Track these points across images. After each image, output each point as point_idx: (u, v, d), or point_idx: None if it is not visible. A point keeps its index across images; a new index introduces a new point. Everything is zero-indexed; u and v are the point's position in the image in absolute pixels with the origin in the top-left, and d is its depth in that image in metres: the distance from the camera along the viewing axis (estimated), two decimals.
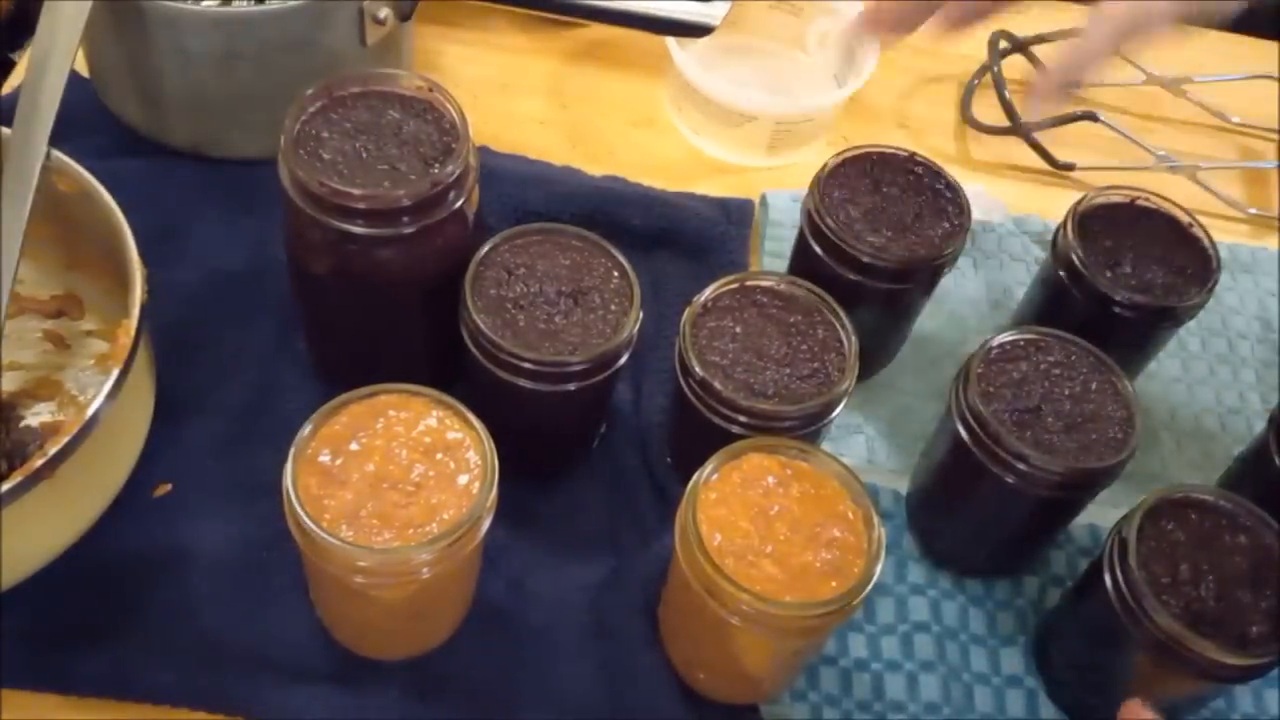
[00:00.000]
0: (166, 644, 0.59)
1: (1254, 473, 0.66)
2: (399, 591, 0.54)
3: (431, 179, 0.57)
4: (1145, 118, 0.93)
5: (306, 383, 0.68)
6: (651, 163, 0.84)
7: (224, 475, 0.64)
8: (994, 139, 0.89)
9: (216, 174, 0.76)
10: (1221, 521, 0.57)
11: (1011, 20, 0.92)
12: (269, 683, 0.58)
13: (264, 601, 0.61)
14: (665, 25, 0.74)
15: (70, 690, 0.58)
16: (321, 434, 0.54)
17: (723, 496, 0.55)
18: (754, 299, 0.63)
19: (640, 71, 0.89)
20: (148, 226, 0.61)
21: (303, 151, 0.58)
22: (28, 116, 0.60)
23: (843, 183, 0.67)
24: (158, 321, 0.61)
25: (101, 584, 0.60)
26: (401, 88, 0.61)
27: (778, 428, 0.58)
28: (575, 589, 0.63)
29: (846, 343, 0.61)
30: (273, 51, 0.71)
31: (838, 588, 0.53)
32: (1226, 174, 0.89)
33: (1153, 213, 0.69)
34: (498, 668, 0.60)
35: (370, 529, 0.52)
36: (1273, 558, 0.55)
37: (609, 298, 0.61)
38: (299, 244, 0.61)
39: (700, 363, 0.60)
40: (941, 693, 0.62)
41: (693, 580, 0.53)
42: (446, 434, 0.55)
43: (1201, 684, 0.56)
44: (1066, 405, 0.60)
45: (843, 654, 0.62)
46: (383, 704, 0.59)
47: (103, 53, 0.75)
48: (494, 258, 0.61)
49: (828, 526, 0.54)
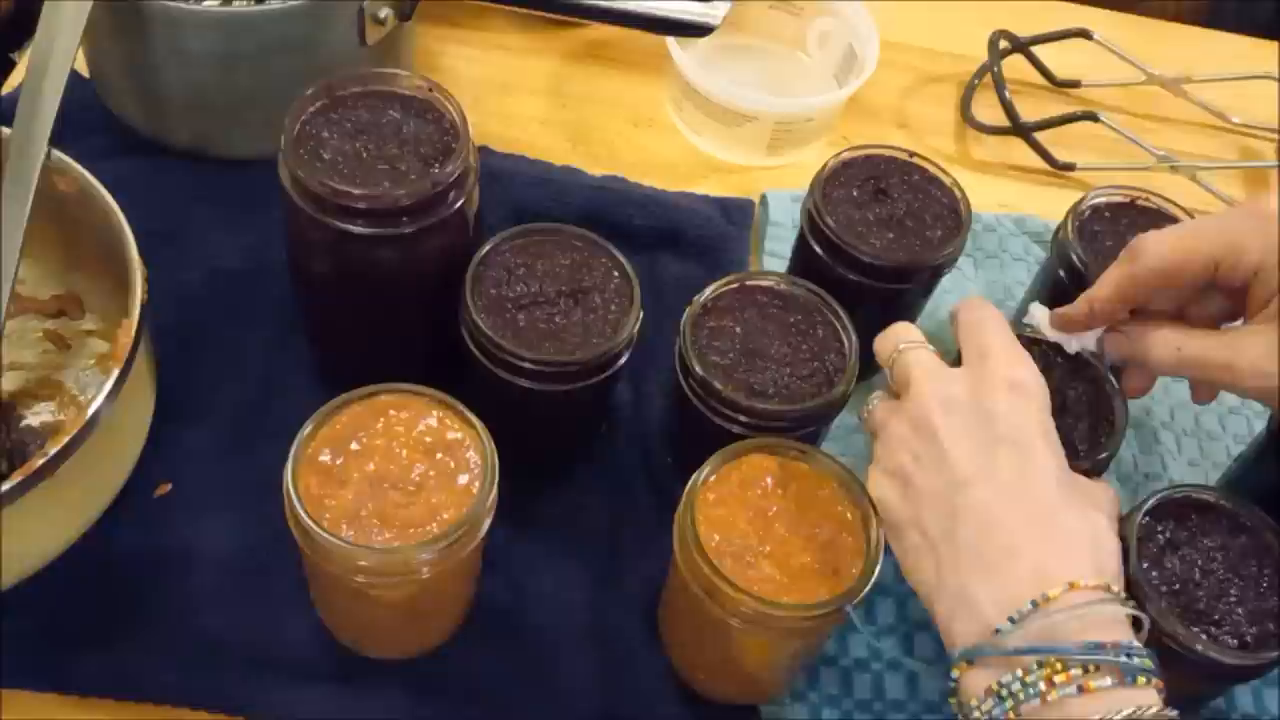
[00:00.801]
0: (167, 644, 0.59)
1: (1254, 473, 0.66)
2: (399, 591, 0.54)
3: (431, 179, 0.57)
4: (1145, 118, 0.93)
5: (306, 383, 0.68)
6: (651, 163, 0.84)
7: (224, 475, 0.64)
8: (994, 139, 0.89)
9: (216, 174, 0.76)
10: (1221, 521, 0.57)
11: (1011, 20, 0.93)
12: (269, 683, 0.58)
13: (264, 601, 0.61)
14: (665, 25, 0.74)
15: (70, 690, 0.58)
16: (322, 434, 0.54)
17: (721, 497, 0.55)
18: (754, 299, 0.63)
19: (640, 71, 0.89)
20: (148, 226, 0.61)
21: (303, 151, 0.58)
22: (28, 116, 0.60)
23: (843, 183, 0.67)
24: (158, 321, 0.61)
25: (101, 584, 0.60)
26: (401, 88, 0.61)
27: (778, 427, 0.58)
28: (575, 589, 0.63)
29: (846, 343, 0.61)
30: (273, 51, 0.71)
31: (836, 588, 0.53)
32: (1226, 174, 0.89)
33: (1153, 213, 0.69)
34: (498, 668, 0.60)
35: (370, 529, 0.52)
36: (1273, 558, 0.55)
37: (609, 298, 0.61)
38: (299, 244, 0.61)
39: (700, 363, 0.60)
40: (941, 693, 0.62)
41: (691, 581, 0.53)
42: (446, 434, 0.55)
43: (1201, 684, 0.56)
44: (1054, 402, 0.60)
45: (843, 654, 0.62)
46: (383, 704, 0.59)
47: (103, 53, 0.75)
48: (494, 258, 0.61)
49: (826, 527, 0.55)
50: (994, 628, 0.47)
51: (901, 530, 0.52)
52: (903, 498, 0.52)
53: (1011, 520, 0.49)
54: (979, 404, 0.51)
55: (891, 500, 0.53)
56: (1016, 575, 0.48)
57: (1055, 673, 0.45)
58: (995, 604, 0.47)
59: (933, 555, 0.50)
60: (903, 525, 0.52)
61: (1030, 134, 0.87)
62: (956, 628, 0.49)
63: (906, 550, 0.52)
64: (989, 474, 0.50)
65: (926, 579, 0.51)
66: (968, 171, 0.87)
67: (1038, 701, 0.45)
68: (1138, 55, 0.92)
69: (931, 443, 0.51)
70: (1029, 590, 0.47)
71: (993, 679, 0.47)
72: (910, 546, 0.51)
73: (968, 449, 0.51)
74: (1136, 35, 0.96)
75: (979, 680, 0.47)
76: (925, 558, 0.51)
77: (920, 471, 0.52)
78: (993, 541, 0.49)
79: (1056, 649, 0.46)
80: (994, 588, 0.48)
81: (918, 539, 0.51)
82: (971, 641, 0.48)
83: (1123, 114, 0.92)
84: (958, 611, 0.49)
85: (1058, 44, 0.93)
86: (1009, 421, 0.51)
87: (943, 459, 0.51)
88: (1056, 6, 0.99)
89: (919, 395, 0.53)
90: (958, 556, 0.49)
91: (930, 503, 0.51)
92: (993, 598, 0.48)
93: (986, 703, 0.47)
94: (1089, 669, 0.45)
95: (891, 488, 0.53)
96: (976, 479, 0.50)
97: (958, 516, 0.50)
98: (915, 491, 0.51)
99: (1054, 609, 0.46)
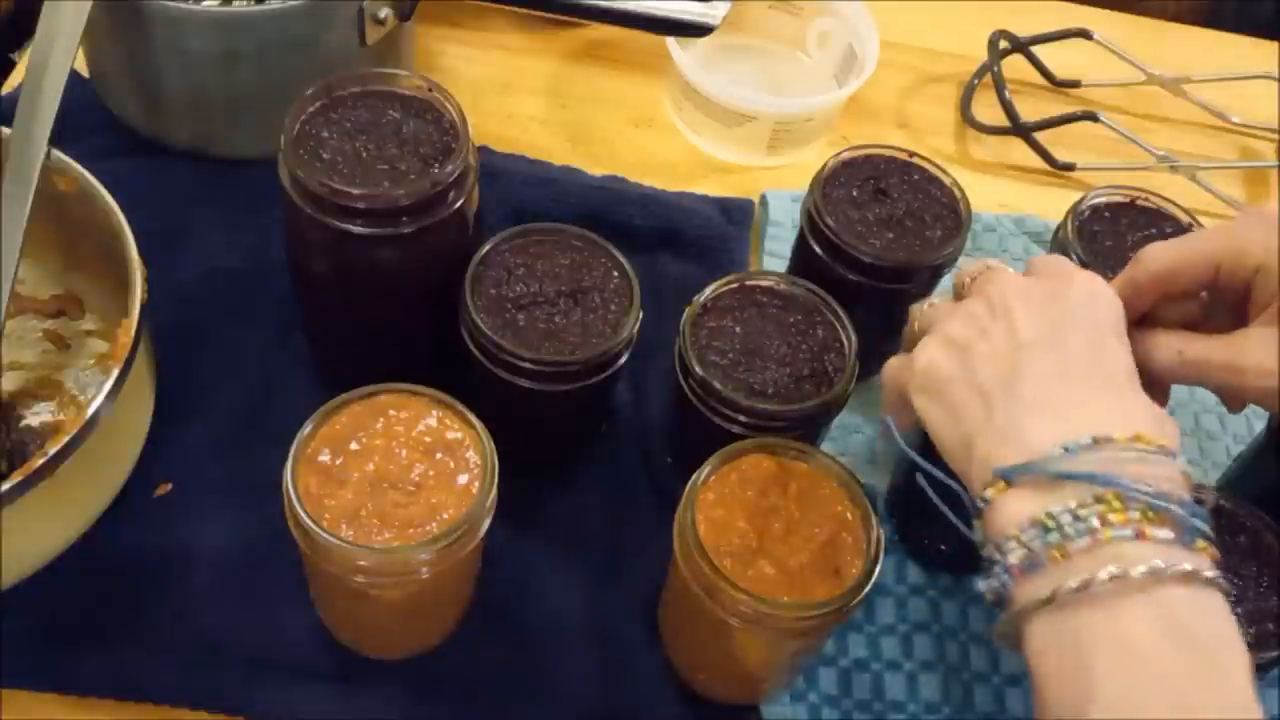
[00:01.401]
0: (167, 644, 0.59)
1: (1254, 473, 0.66)
2: (399, 591, 0.54)
3: (431, 179, 0.57)
4: (1145, 118, 0.93)
5: (306, 382, 0.68)
6: (651, 163, 0.84)
7: (224, 475, 0.65)
8: (994, 139, 0.89)
9: (216, 174, 0.76)
10: (1221, 521, 0.57)
11: (1011, 20, 0.93)
12: (269, 682, 0.58)
13: (264, 601, 0.61)
14: (665, 25, 0.74)
15: (70, 690, 0.58)
16: (321, 434, 0.54)
17: (721, 497, 0.55)
18: (754, 299, 0.63)
19: (640, 71, 0.89)
20: (148, 226, 0.61)
21: (303, 151, 0.58)
22: (28, 116, 0.60)
23: (843, 183, 0.67)
24: (158, 321, 0.61)
25: (101, 584, 0.60)
26: (401, 88, 0.61)
27: (777, 427, 0.58)
28: (575, 589, 0.63)
29: (846, 343, 0.61)
30: (273, 51, 0.71)
31: (836, 588, 0.53)
32: (1226, 174, 0.89)
33: (1153, 213, 0.69)
34: (498, 668, 0.60)
35: (370, 529, 0.52)
36: (1273, 558, 0.55)
37: (609, 298, 0.61)
38: (299, 244, 0.61)
39: (700, 363, 0.60)
40: (941, 692, 0.62)
41: (691, 581, 0.53)
42: (446, 434, 0.55)
43: None
44: None
45: (842, 654, 0.62)
46: (383, 704, 0.59)
47: (103, 53, 0.75)
48: (494, 258, 0.61)
49: (826, 527, 0.54)
50: (1043, 454, 0.43)
51: (945, 388, 0.48)
52: (957, 359, 0.49)
53: (1079, 382, 0.46)
54: (1056, 301, 0.49)
55: (940, 361, 0.49)
56: (1078, 418, 0.44)
57: (1111, 510, 0.41)
58: (1050, 434, 0.43)
59: (983, 403, 0.46)
60: (949, 382, 0.48)
61: (1030, 134, 0.87)
62: (992, 458, 0.44)
63: (949, 406, 0.48)
64: (1060, 345, 0.47)
65: (969, 425, 0.46)
66: (968, 171, 0.87)
67: (1087, 540, 0.41)
68: (1138, 55, 0.92)
69: (1006, 321, 0.48)
70: (1090, 430, 0.43)
71: (1037, 507, 0.42)
72: (955, 401, 0.47)
73: (1040, 324, 0.48)
74: (1136, 35, 0.96)
75: (1019, 505, 0.43)
76: (972, 405, 0.47)
77: (985, 341, 0.48)
78: (1055, 392, 0.45)
79: (1115, 482, 0.41)
80: (1051, 425, 0.44)
81: (965, 393, 0.47)
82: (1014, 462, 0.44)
83: (1123, 114, 0.92)
84: (1001, 445, 0.44)
85: (1058, 44, 0.93)
86: (1086, 315, 0.48)
87: (1012, 329, 0.48)
88: (1056, 6, 0.99)
89: (1001, 285, 0.50)
90: (1012, 401, 0.45)
91: (990, 361, 0.47)
92: (1048, 430, 0.43)
93: (1028, 533, 0.42)
94: (1148, 514, 0.41)
95: (945, 353, 0.49)
96: (1047, 345, 0.47)
97: (1020, 371, 0.46)
98: (973, 355, 0.48)
99: (1115, 447, 0.42)
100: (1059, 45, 0.93)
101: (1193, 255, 0.53)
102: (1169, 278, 0.54)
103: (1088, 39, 0.92)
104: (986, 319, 0.49)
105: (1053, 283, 0.50)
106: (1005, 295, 0.50)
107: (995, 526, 0.44)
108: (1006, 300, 0.49)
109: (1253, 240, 0.52)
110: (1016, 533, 0.42)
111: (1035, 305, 0.49)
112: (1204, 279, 0.53)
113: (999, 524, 0.43)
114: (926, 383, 0.49)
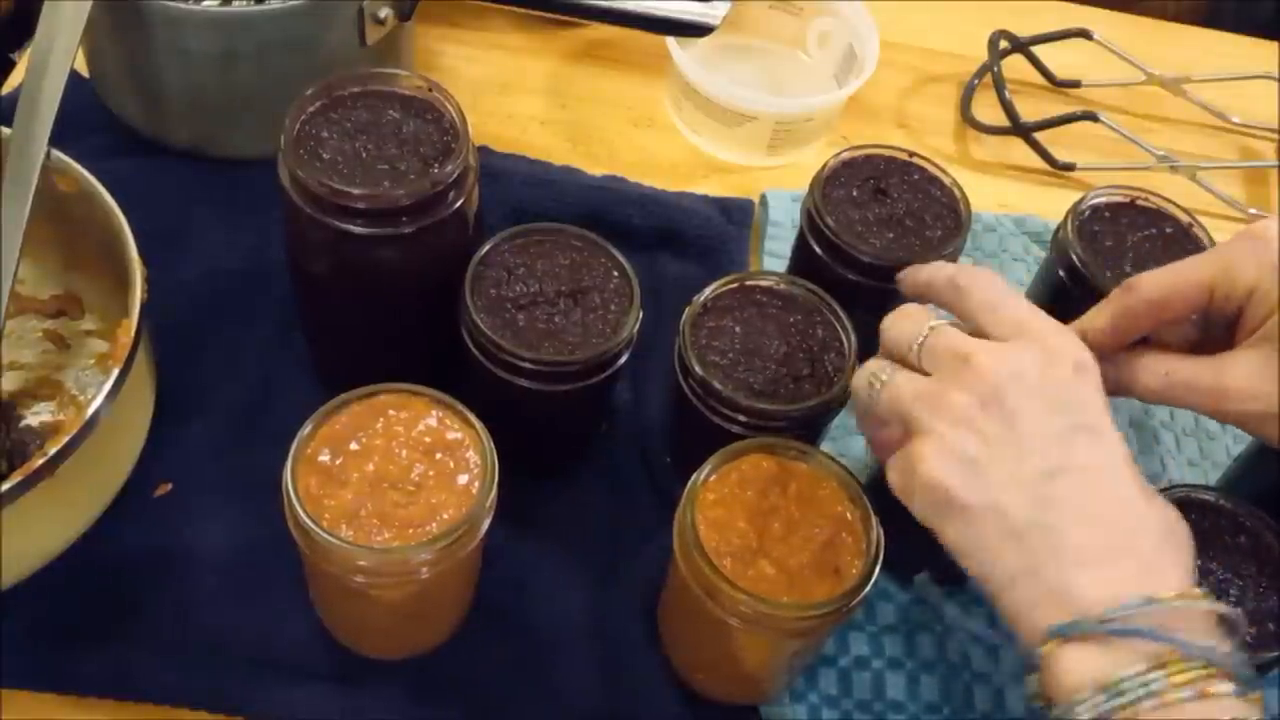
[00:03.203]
0: (167, 644, 0.59)
1: (1254, 473, 0.66)
2: (399, 591, 0.54)
3: (431, 179, 0.57)
4: (1145, 118, 0.93)
5: (306, 383, 0.68)
6: (651, 163, 0.84)
7: (224, 475, 0.65)
8: (994, 139, 0.89)
9: (216, 174, 0.76)
10: (1221, 521, 0.57)
11: (1012, 20, 0.93)
12: (269, 682, 0.58)
13: (264, 601, 0.61)
14: (665, 25, 0.74)
15: (70, 690, 0.58)
16: (321, 434, 0.54)
17: (721, 497, 0.55)
18: (754, 299, 0.63)
19: (640, 71, 0.89)
20: (148, 226, 0.61)
21: (303, 151, 0.58)
22: (28, 116, 0.60)
23: (842, 183, 0.67)
24: (158, 321, 0.61)
25: (101, 584, 0.60)
26: (401, 88, 0.61)
27: (777, 427, 0.58)
28: (575, 589, 0.63)
29: (846, 343, 0.61)
30: (273, 51, 0.71)
31: (836, 588, 0.53)
32: (1226, 174, 0.89)
33: (1153, 213, 0.69)
34: (498, 668, 0.60)
35: (370, 529, 0.52)
36: (1273, 558, 0.55)
37: (609, 298, 0.61)
38: (299, 244, 0.61)
39: (700, 363, 0.60)
40: (941, 692, 0.62)
41: (691, 581, 0.53)
42: (446, 434, 0.55)
43: None
44: None
45: (842, 654, 0.62)
46: (382, 704, 0.59)
47: (103, 53, 0.75)
48: (494, 258, 0.61)
49: (826, 527, 0.54)
50: (1093, 614, 0.44)
51: (973, 515, 0.47)
52: (972, 481, 0.47)
53: (1108, 513, 0.46)
54: (1049, 386, 0.48)
55: (956, 484, 0.48)
56: (1126, 568, 0.45)
57: (1174, 672, 0.42)
58: (1100, 591, 0.44)
59: (1017, 543, 0.46)
60: (975, 510, 0.47)
61: (1030, 134, 0.87)
62: (1039, 614, 0.45)
63: (973, 535, 0.47)
64: (1073, 462, 0.47)
65: (1005, 567, 0.46)
66: (968, 171, 0.87)
67: (1155, 701, 0.42)
68: (1137, 55, 0.92)
69: (1007, 425, 0.47)
70: (1138, 589, 0.44)
71: (1101, 670, 0.43)
72: (985, 532, 0.47)
73: (1047, 433, 0.47)
74: (1136, 35, 0.96)
75: (1081, 664, 0.44)
76: (1006, 545, 0.46)
77: (993, 455, 0.47)
78: (1094, 536, 0.46)
79: (1173, 640, 0.42)
80: (1098, 578, 0.45)
81: (995, 526, 0.47)
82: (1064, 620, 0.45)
83: (1123, 114, 0.92)
84: (1051, 605, 0.45)
85: (1058, 44, 0.93)
86: (1082, 405, 0.48)
87: (1021, 443, 0.47)
88: (1056, 6, 0.99)
89: (983, 370, 0.48)
90: (1054, 545, 0.46)
91: (1011, 488, 0.47)
92: (1099, 588, 0.44)
93: (1097, 697, 0.43)
94: (1208, 671, 0.42)
95: (955, 470, 0.48)
96: (1064, 467, 0.47)
97: (1050, 506, 0.46)
98: (987, 476, 0.47)
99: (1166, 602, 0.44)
100: (1059, 45, 0.93)
101: (1185, 282, 0.53)
102: (1163, 304, 0.53)
103: (1088, 39, 0.92)
104: (984, 421, 0.48)
105: (1043, 365, 0.49)
106: (1001, 392, 0.48)
107: (1061, 687, 0.44)
108: (1004, 401, 0.48)
109: (1244, 263, 0.52)
110: (1087, 695, 0.43)
111: (1039, 410, 0.48)
112: (1197, 304, 0.53)
113: (1066, 684, 0.44)
114: (935, 501, 0.48)
